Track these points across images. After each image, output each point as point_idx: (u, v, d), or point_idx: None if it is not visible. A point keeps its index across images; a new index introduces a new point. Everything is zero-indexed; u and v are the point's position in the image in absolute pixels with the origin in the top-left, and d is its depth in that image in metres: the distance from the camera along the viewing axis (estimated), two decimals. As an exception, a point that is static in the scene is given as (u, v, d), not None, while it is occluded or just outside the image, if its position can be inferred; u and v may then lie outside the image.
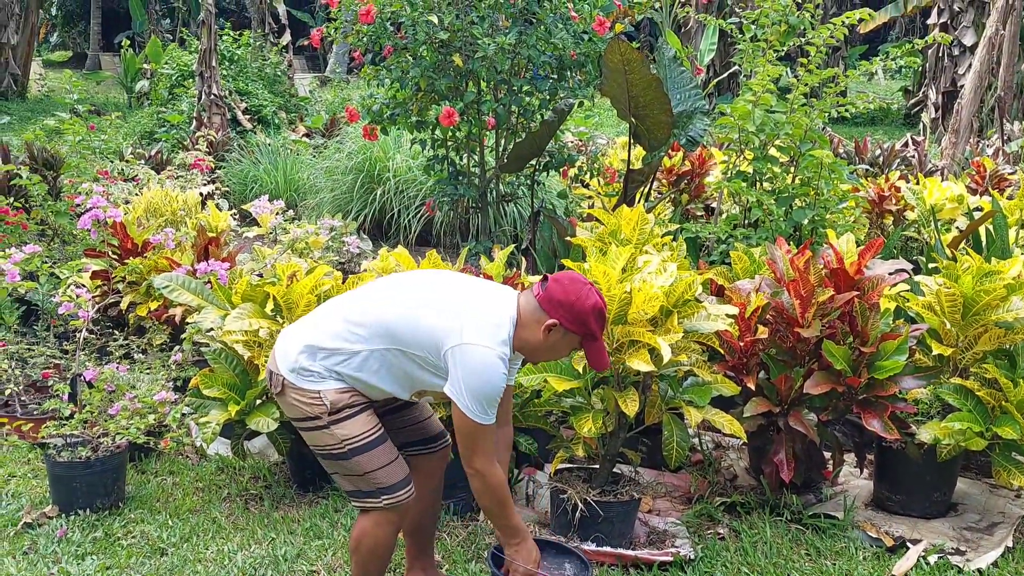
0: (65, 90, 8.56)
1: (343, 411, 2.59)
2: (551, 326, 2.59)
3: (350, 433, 2.59)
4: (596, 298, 2.63)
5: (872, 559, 3.34)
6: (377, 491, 2.63)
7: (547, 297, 2.60)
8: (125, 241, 4.94)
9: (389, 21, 5.01)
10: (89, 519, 3.53)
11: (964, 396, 3.46)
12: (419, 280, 2.77)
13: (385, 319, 2.58)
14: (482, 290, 2.68)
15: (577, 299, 2.59)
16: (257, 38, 14.96)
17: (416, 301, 2.61)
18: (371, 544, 2.68)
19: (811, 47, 4.99)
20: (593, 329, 2.62)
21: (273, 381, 2.65)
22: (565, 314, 2.58)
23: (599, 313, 2.63)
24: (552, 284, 2.62)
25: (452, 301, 2.59)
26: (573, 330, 2.61)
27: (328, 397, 2.57)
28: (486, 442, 2.60)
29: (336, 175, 8.07)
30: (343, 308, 2.67)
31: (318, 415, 2.58)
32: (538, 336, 2.61)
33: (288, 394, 2.61)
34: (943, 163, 8.91)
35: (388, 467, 2.64)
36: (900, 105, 18.65)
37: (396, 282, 2.77)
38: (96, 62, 25.27)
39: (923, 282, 3.84)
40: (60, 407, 3.72)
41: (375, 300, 2.66)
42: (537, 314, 2.61)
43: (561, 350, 2.70)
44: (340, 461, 2.62)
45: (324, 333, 2.62)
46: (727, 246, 4.81)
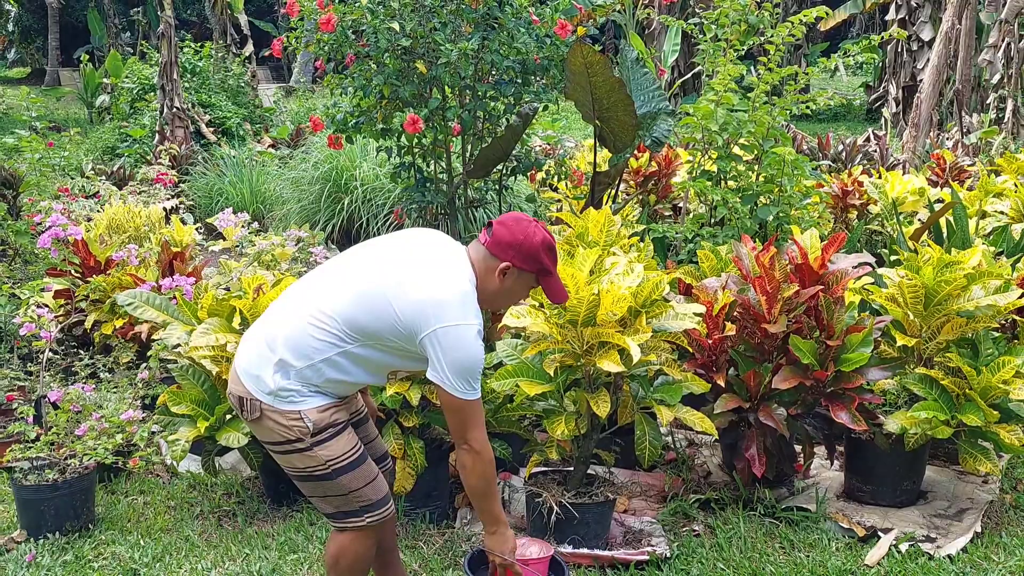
0: (23, 107, 8.46)
1: (325, 431, 2.52)
2: (505, 270, 2.58)
3: (334, 453, 2.52)
4: (543, 233, 2.61)
5: (845, 549, 3.37)
6: (360, 509, 2.58)
7: (495, 242, 2.58)
8: (87, 259, 4.88)
9: (350, 29, 4.99)
10: (59, 542, 3.48)
11: (929, 385, 3.51)
12: (373, 262, 2.61)
13: (353, 316, 2.48)
14: (437, 257, 2.58)
15: (525, 237, 2.57)
16: (219, 49, 14.87)
17: (379, 290, 2.49)
18: (351, 561, 2.63)
19: (771, 45, 5.04)
20: (546, 264, 2.62)
21: (248, 407, 2.52)
22: (516, 255, 2.57)
23: (549, 247, 2.61)
24: (498, 228, 2.59)
25: (414, 281, 2.48)
26: (527, 268, 2.60)
27: (310, 418, 2.49)
28: (478, 417, 2.55)
29: (303, 185, 8.03)
30: (303, 312, 2.52)
31: (300, 437, 2.49)
32: (495, 283, 2.60)
33: (267, 419, 2.50)
34: (904, 157, 9.03)
35: (372, 484, 2.60)
36: (862, 101, 18.90)
37: (349, 268, 2.61)
38: (55, 78, 24.97)
39: (886, 275, 3.89)
40: (25, 430, 3.66)
41: (335, 295, 2.52)
42: (490, 261, 2.59)
43: (519, 291, 2.69)
44: (323, 482, 2.55)
45: (292, 344, 2.49)
46: (694, 245, 4.84)
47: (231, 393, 2.59)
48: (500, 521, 2.69)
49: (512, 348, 3.43)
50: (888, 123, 15.05)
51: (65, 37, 26.34)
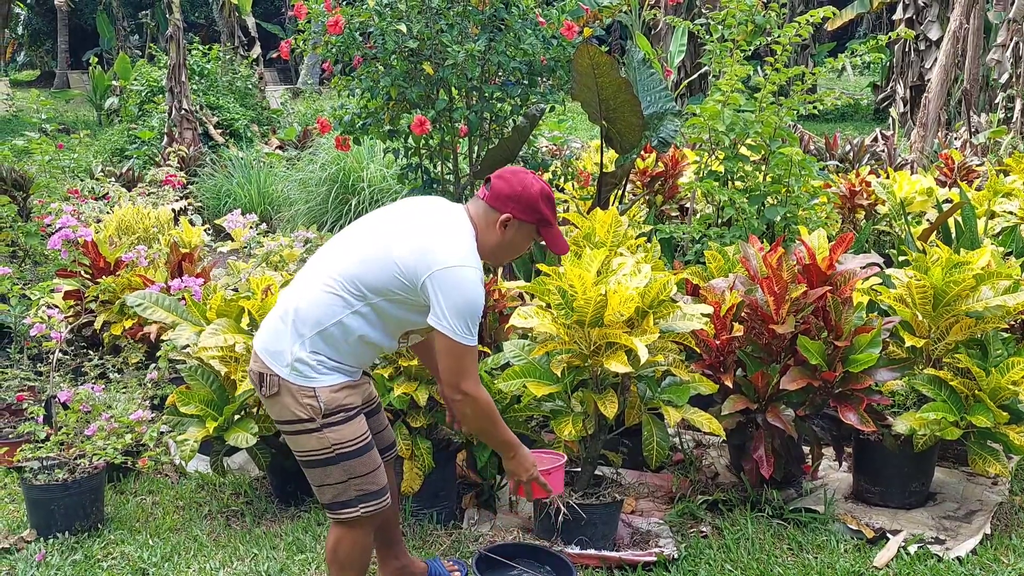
0: (33, 109, 8.47)
1: (337, 414, 2.57)
2: (505, 221, 2.64)
3: (341, 438, 2.58)
4: (541, 184, 2.67)
5: (853, 551, 3.37)
6: (356, 499, 2.62)
7: (495, 195, 2.65)
8: (97, 260, 4.90)
9: (358, 31, 5.00)
10: (68, 542, 3.50)
11: (938, 386, 3.50)
12: (369, 222, 2.71)
13: (354, 273, 2.54)
14: (436, 211, 2.66)
15: (523, 188, 2.64)
16: (227, 52, 14.92)
17: (376, 242, 2.58)
18: (348, 549, 2.68)
19: (778, 46, 5.03)
20: (546, 214, 2.67)
21: (267, 383, 2.58)
22: (515, 206, 2.63)
23: (547, 197, 2.67)
24: (496, 181, 2.66)
25: (413, 230, 2.57)
26: (527, 219, 2.66)
27: (322, 397, 2.54)
28: (472, 364, 2.58)
29: (310, 186, 8.06)
30: (313, 282, 2.60)
31: (311, 417, 2.55)
32: (496, 236, 2.66)
33: (283, 395, 2.56)
34: (912, 157, 9.01)
35: (372, 474, 2.65)
36: (869, 100, 18.86)
37: (353, 236, 2.69)
38: (64, 80, 25.09)
39: (894, 275, 3.88)
40: (35, 430, 3.67)
41: (336, 259, 2.61)
42: (490, 215, 2.65)
43: (521, 244, 2.74)
44: (327, 467, 2.60)
45: (304, 313, 2.56)
46: (701, 246, 4.83)
47: (251, 371, 2.65)
48: (513, 445, 2.78)
49: (519, 349, 3.43)
50: (896, 123, 15.01)
51: (74, 40, 26.49)
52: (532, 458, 2.84)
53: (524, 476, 2.82)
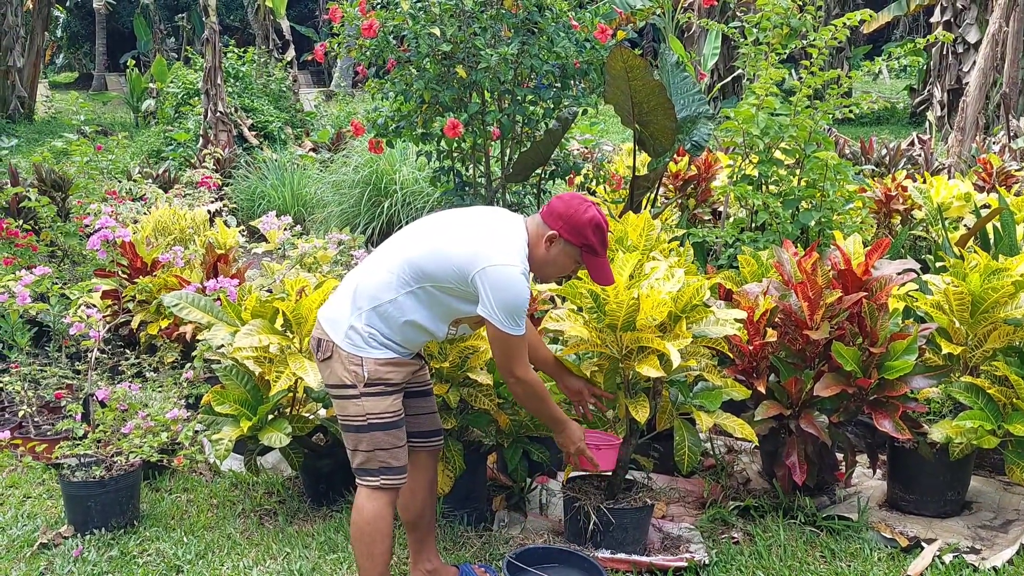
0: (72, 111, 8.59)
1: (377, 385, 2.76)
2: (551, 237, 2.80)
3: (375, 409, 2.76)
4: (595, 212, 2.81)
5: (887, 559, 3.33)
6: (379, 470, 2.81)
7: (548, 211, 2.83)
8: (134, 260, 4.97)
9: (392, 34, 5.04)
10: (104, 538, 3.55)
11: (975, 394, 3.45)
12: (436, 219, 2.92)
13: (413, 259, 2.74)
14: (495, 217, 2.86)
15: (575, 212, 2.79)
16: (261, 54, 15.05)
17: (437, 237, 2.79)
18: (369, 518, 2.81)
19: (813, 49, 5.00)
20: (592, 241, 2.80)
21: (322, 347, 2.80)
22: (563, 224, 2.79)
23: (597, 225, 2.80)
24: (555, 200, 2.85)
25: (471, 230, 2.77)
26: (572, 240, 2.80)
27: (368, 367, 2.74)
28: (522, 352, 2.81)
29: (343, 189, 8.11)
30: (377, 265, 2.81)
31: (354, 383, 2.75)
32: (541, 250, 2.83)
33: (334, 360, 2.77)
34: (949, 161, 8.89)
35: (396, 450, 2.82)
36: (905, 104, 18.64)
37: (416, 226, 2.92)
38: (102, 82, 25.45)
39: (931, 281, 3.83)
40: (73, 427, 3.73)
41: (401, 247, 2.82)
42: (540, 229, 2.83)
43: (564, 263, 2.87)
44: (358, 434, 2.79)
45: (364, 289, 2.78)
46: (734, 250, 4.81)
47: (312, 337, 2.88)
48: (561, 420, 3.01)
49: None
50: (933, 127, 14.82)
51: (112, 43, 26.86)
52: (581, 432, 3.05)
53: (572, 448, 3.04)
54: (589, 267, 2.90)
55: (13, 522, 3.72)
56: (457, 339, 3.35)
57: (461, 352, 3.43)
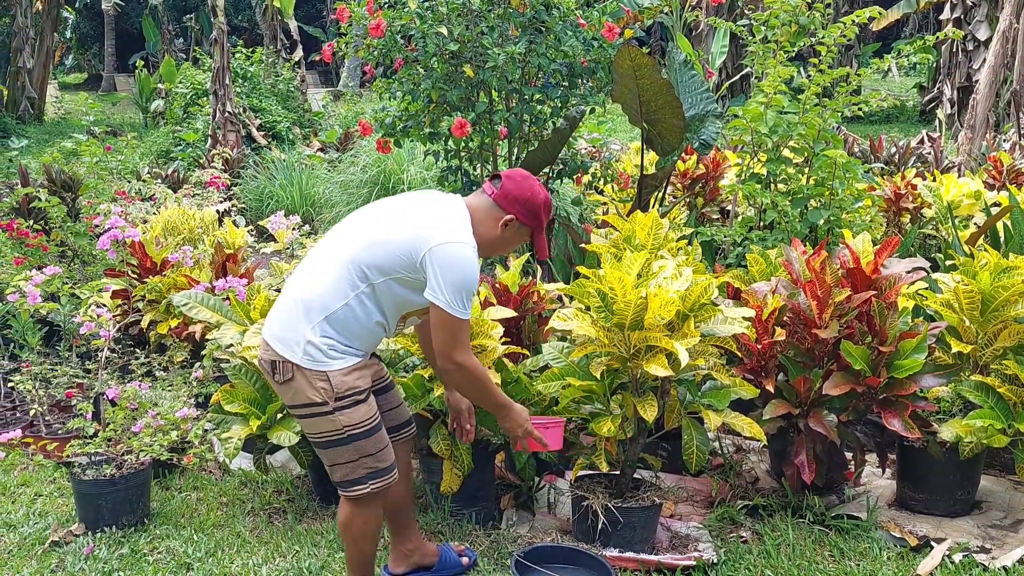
0: (81, 112, 8.65)
1: (348, 397, 2.70)
2: (508, 221, 2.81)
3: (352, 420, 2.71)
4: (545, 192, 2.87)
5: (896, 559, 3.32)
6: (367, 476, 2.77)
7: (504, 194, 2.81)
8: (144, 260, 4.99)
9: (399, 34, 5.04)
10: (115, 536, 3.57)
11: (985, 393, 3.44)
12: (367, 213, 2.87)
13: (356, 257, 2.69)
14: (432, 198, 2.84)
15: (532, 195, 2.82)
16: (269, 55, 15.09)
17: (375, 228, 2.74)
18: (361, 524, 2.83)
19: (822, 47, 4.98)
20: (543, 221, 2.87)
21: (279, 369, 2.70)
22: (521, 209, 2.81)
23: (548, 206, 2.87)
24: (506, 182, 2.82)
25: (412, 212, 2.75)
26: (527, 223, 2.83)
27: (335, 380, 2.67)
28: (465, 336, 2.74)
29: (351, 189, 8.12)
30: (318, 271, 2.74)
31: (324, 400, 2.68)
32: (494, 232, 2.82)
33: (297, 380, 2.68)
34: (959, 159, 8.85)
35: (382, 452, 2.80)
36: (915, 102, 18.58)
37: (349, 226, 2.85)
38: (111, 83, 25.56)
39: (941, 280, 3.82)
40: (84, 426, 3.75)
41: (337, 250, 2.75)
42: (493, 211, 2.81)
43: (514, 242, 2.91)
44: (339, 447, 2.74)
45: (312, 299, 2.70)
46: (743, 249, 4.80)
47: (262, 360, 2.78)
48: (505, 405, 2.94)
49: (558, 351, 3.44)
50: (943, 125, 14.77)
51: (121, 43, 26.97)
52: (525, 414, 3.00)
53: (520, 431, 2.98)
54: (535, 242, 2.92)
55: (25, 520, 3.75)
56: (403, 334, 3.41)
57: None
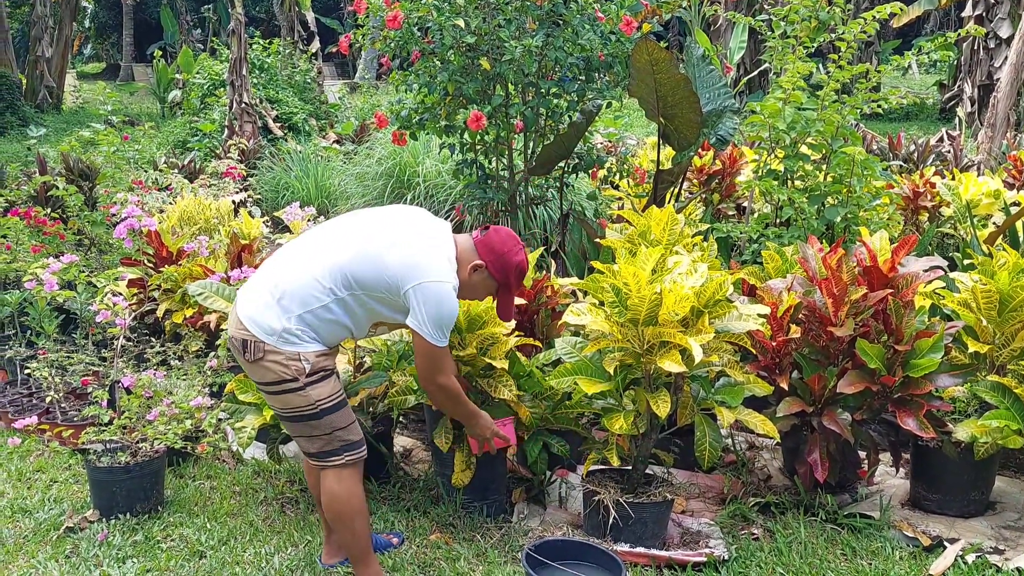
0: (99, 101, 8.68)
1: (317, 374, 2.83)
2: (477, 266, 2.96)
3: (322, 394, 2.84)
4: (523, 257, 3.02)
5: (909, 559, 3.31)
6: (341, 448, 2.91)
7: (484, 242, 2.97)
8: (160, 249, 5.01)
9: (416, 26, 5.04)
10: (129, 523, 3.59)
11: (1001, 393, 3.41)
12: (361, 221, 2.97)
13: (343, 266, 2.81)
14: (427, 228, 2.94)
15: (508, 252, 2.98)
16: (286, 46, 15.10)
17: (367, 243, 2.84)
18: (344, 498, 2.93)
19: (842, 43, 4.95)
20: (511, 281, 3.02)
21: (251, 348, 2.80)
22: (494, 260, 2.96)
23: (521, 271, 3.02)
24: (492, 233, 2.99)
25: (404, 239, 2.85)
26: (495, 275, 2.99)
27: (309, 360, 2.81)
28: (446, 362, 2.99)
29: (367, 181, 8.12)
30: (303, 264, 2.85)
31: (295, 377, 2.80)
32: (464, 273, 2.95)
33: (267, 359, 2.79)
34: (979, 158, 8.78)
35: (351, 426, 2.95)
36: (935, 100, 18.43)
37: (345, 227, 2.96)
38: (129, 73, 25.66)
39: (958, 279, 3.79)
40: (99, 413, 3.78)
41: (333, 250, 2.85)
42: (470, 254, 2.97)
43: (479, 291, 3.06)
44: (310, 421, 2.87)
45: (292, 292, 2.80)
46: (759, 245, 4.78)
47: (232, 338, 2.87)
48: (475, 413, 3.22)
49: (571, 346, 3.44)
50: (963, 123, 14.64)
51: (139, 33, 27.08)
52: (490, 419, 3.28)
53: (488, 434, 3.26)
54: (499, 300, 3.11)
55: (40, 506, 3.78)
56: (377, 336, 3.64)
57: (481, 341, 3.44)
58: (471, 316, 3.48)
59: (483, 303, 3.44)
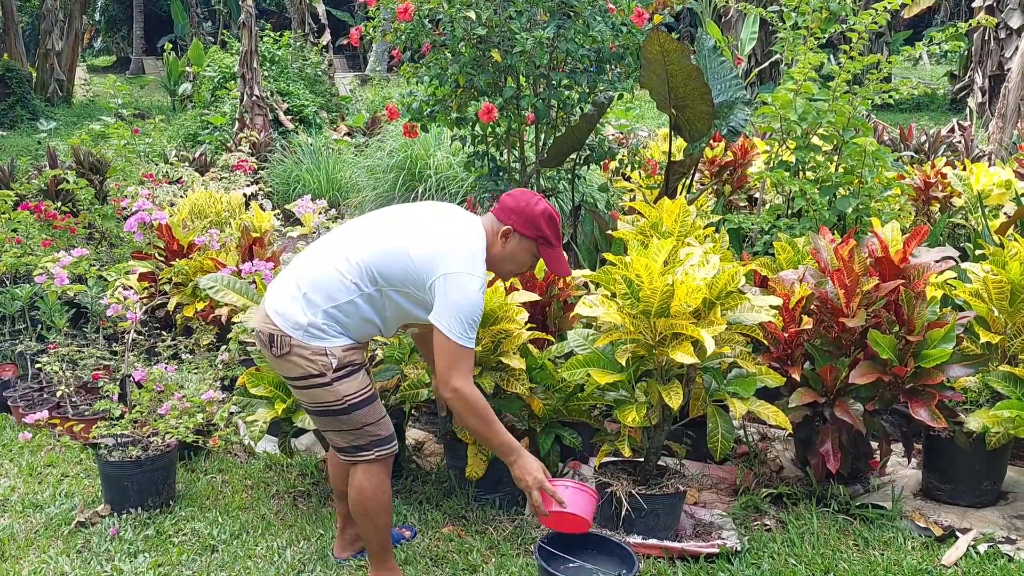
0: (110, 94, 8.69)
1: (345, 368, 2.77)
2: (506, 232, 2.85)
3: (350, 389, 2.78)
4: (545, 204, 2.88)
5: (921, 548, 3.30)
6: (371, 443, 2.86)
7: (500, 207, 2.89)
8: (171, 243, 5.02)
9: (427, 18, 5.02)
10: (141, 517, 3.60)
11: (1013, 383, 3.40)
12: (389, 218, 2.92)
13: (368, 262, 2.75)
14: (453, 219, 2.86)
15: (527, 204, 2.86)
16: (297, 38, 15.10)
17: (393, 238, 2.78)
18: (371, 494, 2.88)
19: (853, 33, 4.92)
20: (546, 233, 2.87)
21: (277, 343, 2.75)
22: (517, 218, 2.85)
23: (549, 216, 2.87)
24: (504, 197, 2.91)
25: (430, 233, 2.77)
26: (527, 234, 2.86)
27: (335, 354, 2.75)
28: (467, 363, 2.76)
29: (378, 173, 8.12)
30: (332, 259, 2.79)
31: (323, 371, 2.75)
32: (499, 246, 2.87)
33: (294, 353, 2.75)
34: (990, 148, 8.73)
35: (381, 421, 2.88)
36: (946, 90, 18.31)
37: (376, 225, 2.90)
38: (139, 66, 25.70)
39: (970, 269, 3.78)
40: (110, 407, 3.79)
41: (358, 245, 2.80)
42: (495, 226, 2.88)
43: (522, 257, 2.93)
44: (340, 417, 2.81)
45: (318, 286, 2.75)
46: (770, 237, 4.76)
47: (259, 332, 2.83)
48: (514, 449, 2.87)
49: (583, 338, 3.43)
50: (973, 113, 14.55)
51: (149, 26, 27.09)
52: (538, 464, 2.87)
53: (530, 479, 2.83)
54: (546, 259, 2.93)
55: (51, 500, 3.79)
56: None
57: (494, 336, 3.43)
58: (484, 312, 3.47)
59: (496, 299, 3.43)
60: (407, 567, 3.19)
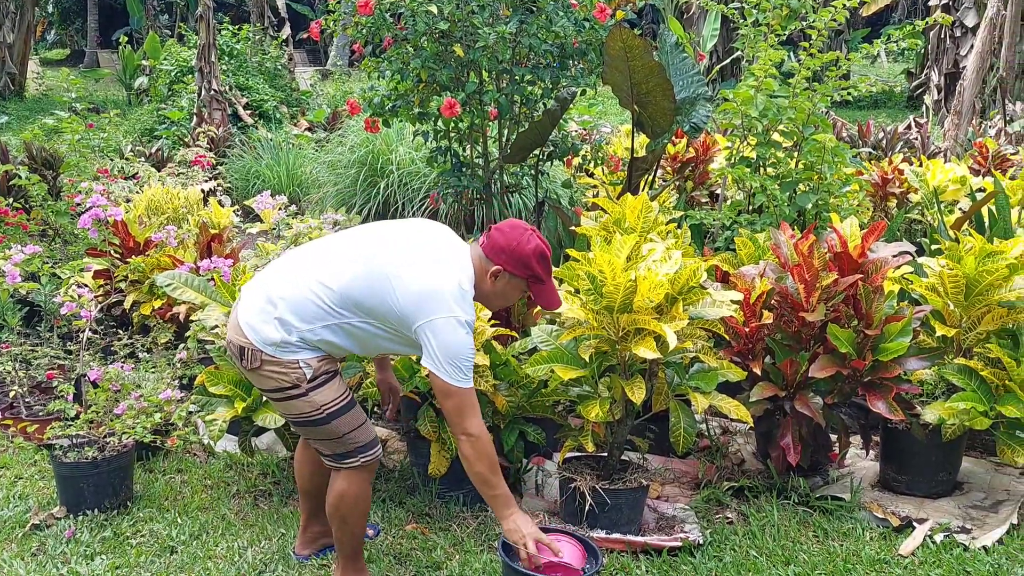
0: (63, 88, 8.57)
1: (320, 377, 2.71)
2: (496, 272, 2.73)
3: (327, 398, 2.72)
4: (536, 241, 2.75)
5: (879, 539, 3.35)
6: (355, 450, 2.80)
7: (490, 246, 2.74)
8: (127, 240, 4.93)
9: (388, 12, 4.99)
10: (97, 519, 3.54)
11: (968, 376, 3.46)
12: (381, 245, 2.73)
13: (354, 293, 2.64)
14: (440, 253, 2.72)
15: (517, 244, 2.72)
16: (256, 32, 14.92)
17: (382, 273, 2.63)
18: (352, 500, 2.82)
19: (813, 31, 4.97)
20: (537, 271, 2.75)
21: (248, 356, 2.68)
22: (507, 258, 2.72)
23: (540, 255, 2.74)
24: (494, 233, 2.76)
25: (416, 271, 2.62)
26: (517, 274, 2.74)
27: (310, 364, 2.68)
28: (473, 405, 2.67)
29: (339, 169, 8.04)
30: (308, 279, 2.68)
31: (296, 383, 2.68)
32: (488, 284, 2.75)
33: (266, 367, 2.68)
34: (946, 145, 8.87)
35: (362, 427, 2.81)
36: (903, 87, 18.59)
37: (357, 247, 2.75)
38: (94, 59, 25.21)
39: (926, 264, 3.83)
40: (65, 408, 3.72)
41: (340, 270, 2.67)
42: (484, 263, 2.74)
43: (511, 295, 2.83)
44: (319, 426, 2.75)
45: (293, 307, 2.66)
46: (732, 232, 4.80)
47: (231, 342, 2.76)
48: (511, 504, 2.77)
49: (547, 334, 3.43)
50: (930, 111, 14.79)
51: (104, 19, 26.61)
52: (531, 522, 2.78)
53: (527, 534, 2.72)
54: (536, 295, 2.83)
55: (5, 503, 3.71)
56: None
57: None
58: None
59: None
60: (371, 565, 3.17)
